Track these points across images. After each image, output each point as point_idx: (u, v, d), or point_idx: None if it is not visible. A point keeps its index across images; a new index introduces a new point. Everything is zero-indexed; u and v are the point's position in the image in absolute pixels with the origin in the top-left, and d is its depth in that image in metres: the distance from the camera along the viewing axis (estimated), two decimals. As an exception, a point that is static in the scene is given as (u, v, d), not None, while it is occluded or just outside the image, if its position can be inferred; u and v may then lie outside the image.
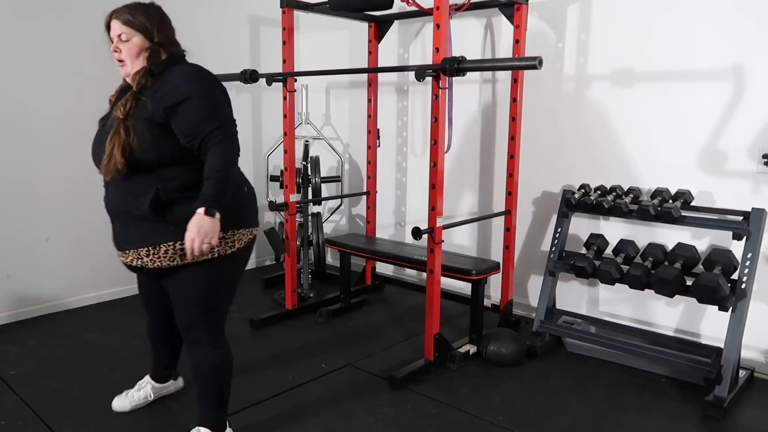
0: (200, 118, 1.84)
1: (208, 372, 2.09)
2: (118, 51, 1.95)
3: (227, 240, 1.95)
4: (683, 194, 2.90)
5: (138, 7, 1.98)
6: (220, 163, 1.83)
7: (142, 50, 1.94)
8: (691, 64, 2.95)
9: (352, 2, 3.04)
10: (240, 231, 1.99)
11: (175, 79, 1.90)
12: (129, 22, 1.94)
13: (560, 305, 3.34)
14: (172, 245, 1.90)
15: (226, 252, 1.95)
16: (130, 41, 1.94)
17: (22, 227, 3.50)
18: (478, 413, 2.52)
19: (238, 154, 1.92)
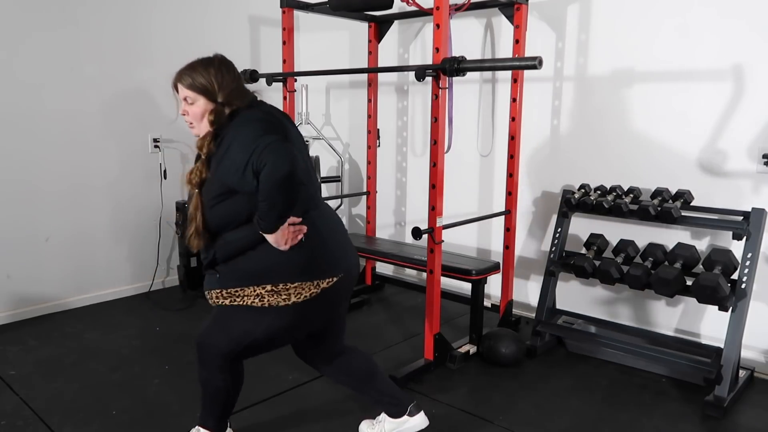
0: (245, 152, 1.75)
1: (211, 391, 2.07)
2: (186, 114, 1.93)
3: (279, 293, 1.87)
4: (683, 194, 2.90)
5: (198, 67, 1.92)
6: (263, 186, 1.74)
7: (206, 112, 1.89)
8: (691, 64, 2.95)
9: (352, 2, 3.04)
10: (296, 285, 1.87)
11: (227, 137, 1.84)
12: (191, 85, 1.89)
13: (560, 305, 3.34)
14: (219, 292, 1.95)
15: (278, 304, 1.88)
16: (195, 104, 1.90)
17: (22, 227, 3.50)
18: (478, 413, 2.52)
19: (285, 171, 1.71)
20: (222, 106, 1.88)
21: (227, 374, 2.02)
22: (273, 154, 1.71)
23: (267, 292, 1.87)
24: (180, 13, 4.01)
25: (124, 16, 3.76)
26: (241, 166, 1.74)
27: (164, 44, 3.92)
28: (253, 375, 2.82)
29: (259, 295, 1.88)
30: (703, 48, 2.91)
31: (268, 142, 1.73)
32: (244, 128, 1.83)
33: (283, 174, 1.71)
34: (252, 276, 1.88)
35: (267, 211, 1.76)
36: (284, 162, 1.71)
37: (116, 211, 3.86)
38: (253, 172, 1.73)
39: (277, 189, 1.73)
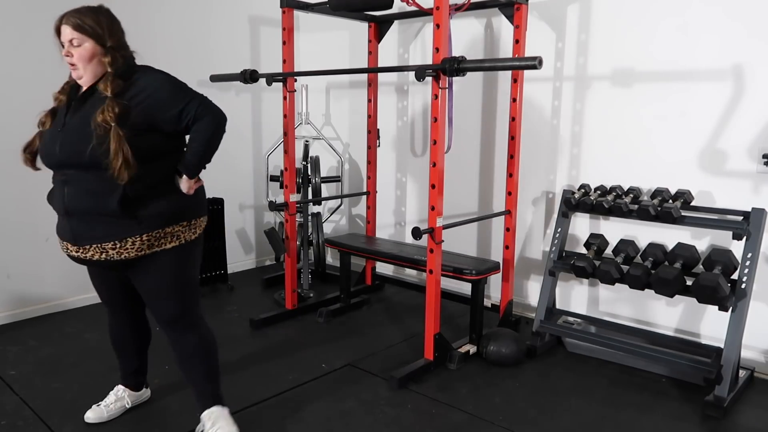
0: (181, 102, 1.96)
1: (197, 356, 2.18)
2: (70, 55, 1.98)
3: (191, 227, 2.09)
4: (683, 194, 2.90)
5: (87, 12, 1.99)
6: (206, 134, 1.99)
7: (94, 55, 1.97)
8: (691, 64, 2.96)
9: (352, 2, 3.04)
10: (200, 219, 2.13)
11: (145, 82, 1.98)
12: (79, 27, 1.95)
13: (560, 305, 3.34)
14: (140, 237, 1.98)
15: (191, 238, 2.08)
16: (81, 46, 1.96)
17: (22, 227, 3.49)
18: (478, 413, 2.52)
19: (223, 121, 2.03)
20: (114, 51, 1.98)
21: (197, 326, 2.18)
22: (212, 106, 2.00)
23: (183, 228, 2.05)
24: (180, 13, 4.01)
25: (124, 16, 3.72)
26: (176, 109, 1.95)
27: (164, 44, 3.92)
28: (253, 375, 2.83)
29: (176, 235, 2.04)
30: (703, 48, 2.91)
31: (202, 96, 2.00)
32: (167, 77, 2.01)
33: (221, 125, 2.02)
34: (172, 215, 2.02)
35: (201, 156, 2.00)
36: (221, 114, 2.02)
37: (116, 211, 3.85)
38: (185, 119, 1.96)
39: (215, 138, 2.01)
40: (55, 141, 1.98)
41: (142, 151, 1.92)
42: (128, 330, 2.38)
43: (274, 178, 4.25)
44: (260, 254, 4.79)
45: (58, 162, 1.98)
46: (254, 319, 3.45)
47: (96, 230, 1.96)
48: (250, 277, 4.46)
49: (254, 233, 4.73)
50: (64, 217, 2.02)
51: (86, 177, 1.93)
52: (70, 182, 1.97)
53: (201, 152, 2.00)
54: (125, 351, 2.44)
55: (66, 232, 2.03)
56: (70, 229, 2.01)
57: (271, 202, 3.63)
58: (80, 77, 2.01)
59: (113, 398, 2.44)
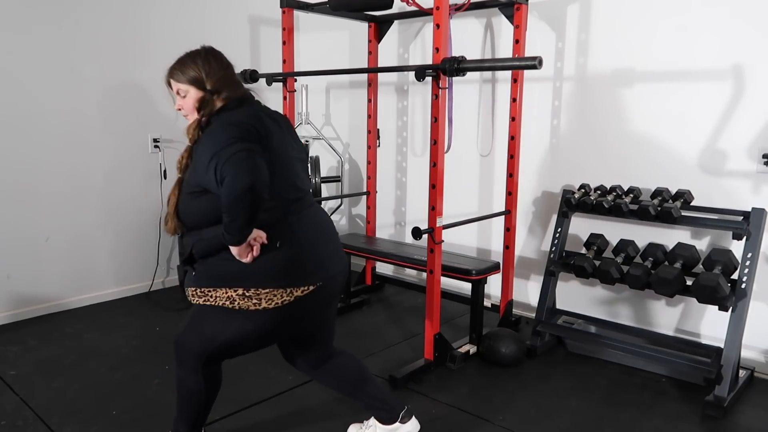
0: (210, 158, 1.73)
1: (184, 394, 2.06)
2: (181, 108, 1.94)
3: (250, 297, 1.84)
4: (683, 194, 2.90)
5: (187, 59, 1.94)
6: (225, 199, 1.71)
7: (197, 102, 1.90)
8: (691, 64, 2.95)
9: (352, 2, 3.04)
10: (267, 291, 1.84)
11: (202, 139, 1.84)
12: (180, 78, 1.92)
13: (560, 305, 3.34)
14: (194, 290, 1.92)
15: (248, 308, 1.85)
16: (187, 96, 1.92)
17: (22, 227, 3.49)
18: (478, 413, 2.52)
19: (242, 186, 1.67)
20: (210, 94, 1.89)
21: (201, 377, 2.00)
22: (234, 166, 1.68)
23: (238, 296, 1.84)
24: (180, 13, 4.01)
25: (124, 16, 3.76)
26: (206, 169, 1.74)
27: (164, 44, 3.92)
28: (253, 375, 2.83)
29: (230, 298, 1.85)
30: (703, 48, 2.91)
31: (232, 152, 1.69)
32: (219, 128, 1.81)
33: (241, 188, 1.67)
34: (224, 278, 1.86)
35: (229, 223, 1.73)
36: (244, 175, 1.67)
37: (116, 211, 3.86)
38: (216, 179, 1.72)
39: (235, 202, 1.69)
40: None
41: (196, 214, 1.88)
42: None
43: (274, 178, 4.24)
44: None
45: None
46: (254, 319, 3.45)
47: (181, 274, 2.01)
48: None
49: (254, 233, 4.72)
50: None
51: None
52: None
53: (226, 222, 1.74)
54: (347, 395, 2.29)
55: None
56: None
57: (271, 202, 3.62)
58: None
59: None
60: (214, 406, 2.40)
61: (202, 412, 2.09)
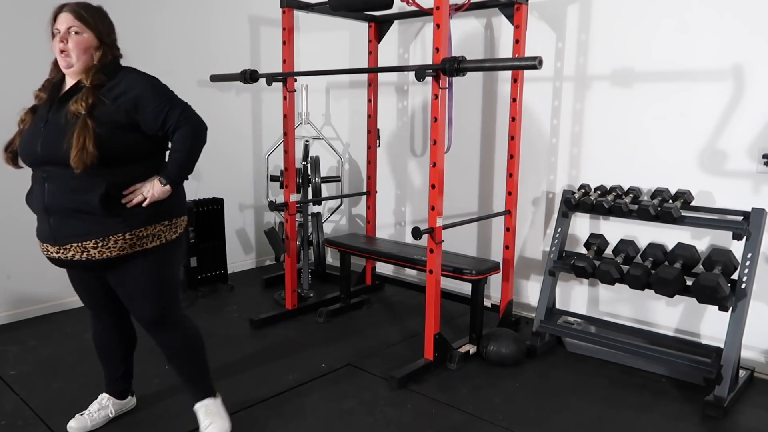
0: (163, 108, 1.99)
1: (183, 353, 2.22)
2: (65, 42, 1.97)
3: (172, 227, 2.10)
4: (683, 194, 2.90)
5: (89, 6, 2.04)
6: (186, 144, 2.03)
7: (90, 47, 2.00)
8: (691, 64, 2.96)
9: (352, 2, 3.04)
10: (181, 218, 2.14)
11: (130, 82, 2.01)
12: (82, 16, 1.98)
13: (560, 305, 3.34)
14: (122, 236, 1.98)
15: (171, 237, 2.10)
16: (80, 35, 1.98)
17: (22, 227, 3.49)
18: (478, 413, 2.52)
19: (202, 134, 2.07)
20: (107, 47, 2.05)
21: (190, 320, 2.25)
22: (194, 116, 2.05)
23: (164, 228, 2.07)
24: (180, 13, 4.01)
25: (124, 16, 3.74)
26: (158, 113, 1.98)
27: (164, 44, 3.92)
28: (253, 375, 2.83)
29: (157, 235, 2.05)
30: (703, 48, 2.91)
31: (185, 104, 2.05)
32: (153, 80, 2.06)
33: (202, 135, 2.06)
34: (154, 214, 2.03)
35: (182, 164, 2.04)
36: (203, 125, 2.07)
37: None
38: (167, 125, 1.99)
39: (195, 147, 2.05)
40: (37, 138, 1.98)
41: (123, 148, 1.97)
42: (113, 334, 2.35)
43: (274, 178, 4.25)
44: (260, 254, 4.79)
45: (40, 159, 1.97)
46: (254, 319, 3.45)
47: (77, 228, 1.96)
48: (250, 277, 4.46)
49: (254, 233, 4.73)
50: (44, 217, 2.01)
51: (67, 173, 1.91)
52: (51, 179, 1.97)
53: (183, 161, 2.04)
54: (110, 356, 2.40)
55: (46, 232, 2.02)
56: (50, 229, 2.00)
57: (271, 202, 3.63)
58: (70, 66, 2.00)
59: (97, 407, 2.39)
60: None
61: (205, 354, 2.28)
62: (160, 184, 2.01)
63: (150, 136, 2.02)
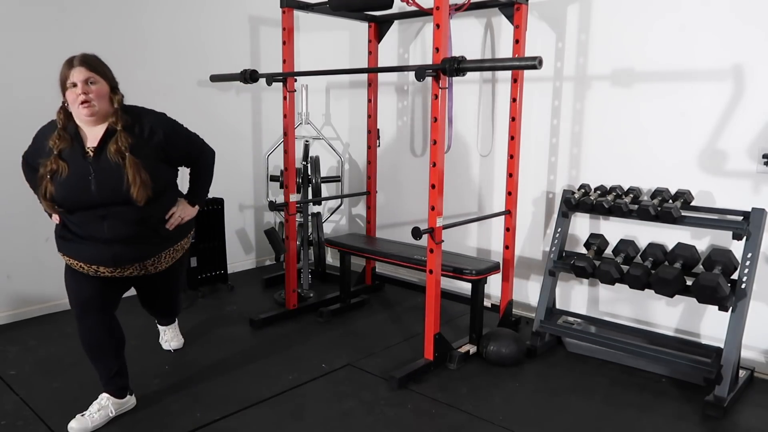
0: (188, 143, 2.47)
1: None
2: (88, 93, 2.19)
3: (189, 238, 2.62)
4: (683, 194, 2.90)
5: (95, 57, 2.30)
6: (207, 172, 2.60)
7: (107, 93, 2.24)
8: (691, 64, 2.95)
9: (352, 2, 3.04)
10: (191, 232, 2.63)
11: (153, 121, 2.33)
12: (94, 68, 2.23)
13: (560, 305, 3.34)
14: (170, 251, 2.49)
15: (187, 245, 2.62)
16: (97, 84, 2.22)
17: (22, 227, 3.49)
18: (478, 413, 2.52)
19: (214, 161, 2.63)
20: (118, 91, 2.31)
21: None
22: (206, 145, 2.58)
23: (186, 240, 2.58)
24: (180, 13, 4.01)
25: (124, 17, 3.76)
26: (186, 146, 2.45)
27: (164, 44, 3.92)
28: (253, 375, 2.83)
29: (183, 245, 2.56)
30: (703, 48, 2.91)
31: (197, 135, 2.53)
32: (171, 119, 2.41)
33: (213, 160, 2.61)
34: (184, 230, 2.52)
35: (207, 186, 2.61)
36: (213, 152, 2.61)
37: (116, 211, 3.85)
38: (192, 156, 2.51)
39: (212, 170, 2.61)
40: (88, 185, 2.22)
41: (160, 181, 2.30)
42: (102, 332, 2.41)
43: (274, 178, 4.25)
44: (260, 254, 4.79)
45: (97, 202, 2.23)
46: (254, 319, 3.45)
47: (139, 251, 2.35)
48: (250, 277, 4.46)
49: (254, 233, 4.73)
50: (102, 246, 2.28)
51: (124, 209, 2.24)
52: (111, 216, 2.25)
53: (208, 184, 2.62)
54: (103, 353, 2.43)
55: (104, 258, 2.30)
56: (111, 256, 2.29)
57: (271, 202, 3.63)
58: (94, 114, 2.22)
59: (97, 407, 2.40)
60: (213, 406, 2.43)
61: None
62: (191, 206, 2.50)
63: (174, 167, 2.42)
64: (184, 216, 2.46)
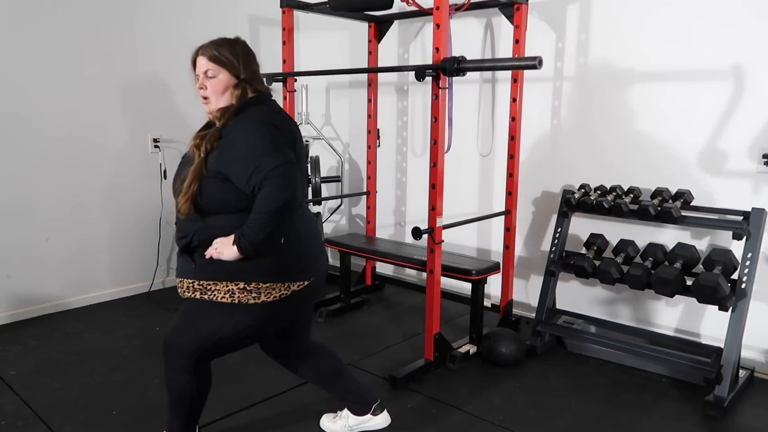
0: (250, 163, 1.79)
1: (175, 395, 2.04)
2: (204, 88, 1.91)
3: (250, 291, 1.88)
4: (683, 194, 2.90)
5: (224, 43, 1.94)
6: (261, 206, 1.78)
7: (228, 87, 1.91)
8: (691, 64, 2.96)
9: (352, 2, 3.05)
10: (268, 285, 1.89)
11: (235, 131, 1.86)
12: (215, 58, 1.89)
13: (560, 305, 3.34)
14: (192, 283, 1.92)
15: (248, 301, 1.88)
16: (216, 78, 1.90)
17: (22, 227, 3.50)
18: (478, 413, 2.52)
19: (286, 199, 1.78)
20: (245, 84, 1.91)
21: (192, 375, 1.99)
22: (279, 177, 1.76)
23: (239, 290, 1.87)
24: (180, 13, 4.01)
25: (124, 16, 3.76)
26: (244, 171, 1.79)
27: (164, 44, 3.92)
28: (252, 375, 2.83)
29: (230, 291, 1.88)
30: (703, 48, 2.91)
31: (276, 162, 1.76)
32: (259, 126, 1.84)
33: (282, 201, 1.77)
34: (227, 271, 1.86)
35: (258, 228, 1.78)
36: (287, 189, 1.77)
37: (116, 211, 3.86)
38: (252, 184, 1.78)
39: (273, 213, 1.78)
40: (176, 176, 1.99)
41: (214, 200, 1.86)
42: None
43: (274, 178, 4.24)
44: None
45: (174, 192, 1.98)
46: (254, 319, 3.45)
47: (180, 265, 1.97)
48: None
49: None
50: None
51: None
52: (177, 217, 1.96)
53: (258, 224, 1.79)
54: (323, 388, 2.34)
55: None
56: None
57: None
58: (211, 111, 1.94)
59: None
60: (213, 406, 2.42)
61: (195, 411, 2.09)
62: (233, 245, 1.82)
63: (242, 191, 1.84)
64: (220, 251, 1.84)
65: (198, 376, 2.01)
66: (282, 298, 1.91)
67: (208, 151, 1.85)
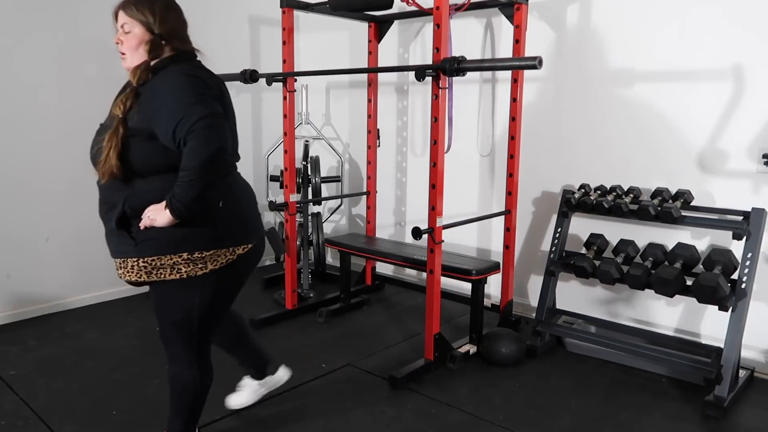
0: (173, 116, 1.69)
1: (179, 389, 2.02)
2: (120, 43, 1.83)
3: (195, 261, 1.80)
4: (683, 194, 2.90)
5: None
6: (188, 161, 1.68)
7: (141, 42, 1.81)
8: (691, 64, 2.95)
9: (352, 2, 3.04)
10: (211, 252, 1.82)
11: (159, 84, 1.78)
12: (131, 13, 1.82)
13: (560, 305, 3.34)
14: (136, 261, 1.81)
15: (196, 273, 1.82)
16: (130, 32, 1.82)
17: (22, 227, 3.49)
18: (478, 413, 2.52)
19: (214, 151, 1.68)
20: (159, 39, 1.83)
21: (196, 369, 1.98)
22: (204, 130, 1.66)
23: (183, 261, 1.79)
24: (180, 13, 4.00)
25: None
26: (168, 125, 1.70)
27: (164, 44, 3.92)
28: (253, 375, 2.83)
29: (175, 265, 1.79)
30: (703, 48, 2.91)
31: (200, 113, 1.67)
32: (180, 78, 1.76)
33: (209, 155, 1.67)
34: (169, 243, 1.77)
35: (187, 185, 1.68)
36: (213, 142, 1.68)
37: (116, 211, 3.85)
38: (177, 138, 1.69)
39: (200, 168, 1.67)
40: (94, 144, 1.88)
41: (141, 161, 1.76)
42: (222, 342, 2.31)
43: (274, 178, 4.25)
44: (260, 254, 4.78)
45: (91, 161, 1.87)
46: (254, 319, 3.45)
47: (112, 243, 1.87)
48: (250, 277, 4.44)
49: (254, 233, 4.72)
50: None
51: (105, 184, 1.81)
52: (99, 188, 1.86)
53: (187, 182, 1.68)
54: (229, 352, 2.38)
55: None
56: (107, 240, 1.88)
57: (271, 202, 3.63)
58: (128, 68, 1.85)
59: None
60: (214, 406, 2.42)
61: (197, 407, 2.08)
62: (163, 209, 1.71)
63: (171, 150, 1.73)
64: (153, 217, 1.73)
65: (201, 368, 2.01)
66: (228, 263, 1.87)
67: (126, 110, 1.77)
